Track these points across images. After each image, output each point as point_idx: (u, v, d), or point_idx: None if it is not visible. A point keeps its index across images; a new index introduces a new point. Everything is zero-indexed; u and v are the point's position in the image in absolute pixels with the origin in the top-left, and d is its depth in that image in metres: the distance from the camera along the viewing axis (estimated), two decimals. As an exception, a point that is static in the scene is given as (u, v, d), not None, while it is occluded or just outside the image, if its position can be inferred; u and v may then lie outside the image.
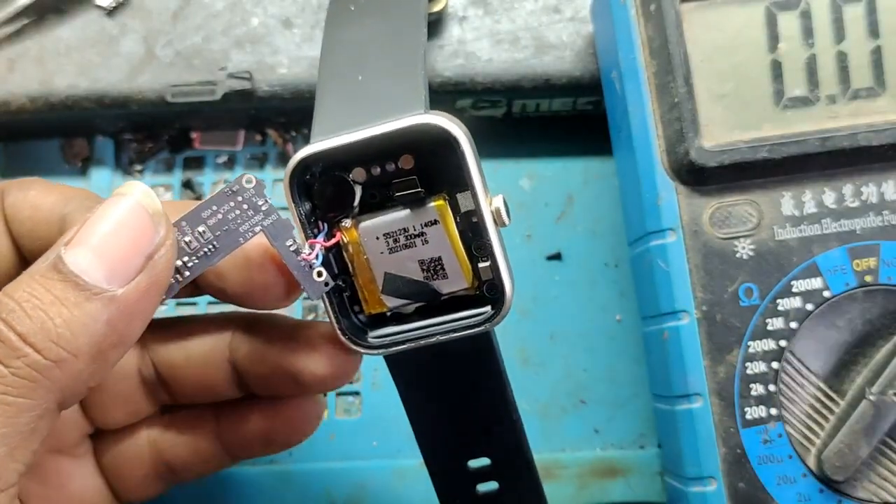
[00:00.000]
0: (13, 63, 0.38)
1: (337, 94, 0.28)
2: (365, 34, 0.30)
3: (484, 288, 0.28)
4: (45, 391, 0.21)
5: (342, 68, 0.29)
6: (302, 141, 0.42)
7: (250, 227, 0.27)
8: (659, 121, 0.32)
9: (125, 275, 0.23)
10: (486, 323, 0.27)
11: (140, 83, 0.38)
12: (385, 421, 0.39)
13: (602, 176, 0.41)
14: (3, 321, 0.21)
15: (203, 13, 0.39)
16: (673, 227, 0.32)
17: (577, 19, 0.39)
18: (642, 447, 0.39)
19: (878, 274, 0.31)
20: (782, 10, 0.32)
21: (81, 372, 0.22)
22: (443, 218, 0.28)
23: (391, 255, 0.28)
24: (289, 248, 0.27)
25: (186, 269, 0.26)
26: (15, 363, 0.21)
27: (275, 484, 0.38)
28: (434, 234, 0.28)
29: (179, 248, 0.26)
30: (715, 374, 0.31)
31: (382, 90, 0.28)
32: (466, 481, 0.31)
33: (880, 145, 0.31)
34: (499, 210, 0.27)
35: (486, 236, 0.27)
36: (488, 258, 0.28)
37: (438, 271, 0.28)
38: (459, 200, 0.28)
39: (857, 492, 0.31)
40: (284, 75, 0.38)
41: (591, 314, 0.40)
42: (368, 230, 0.28)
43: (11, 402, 0.21)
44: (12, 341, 0.21)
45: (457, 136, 0.26)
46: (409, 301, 0.28)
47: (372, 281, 0.28)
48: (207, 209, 0.26)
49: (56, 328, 0.21)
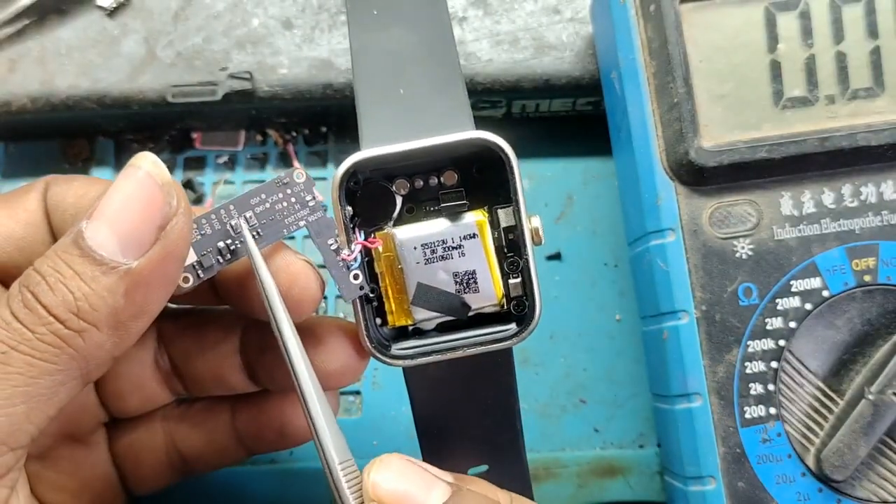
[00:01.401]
0: (14, 63, 0.38)
1: (381, 104, 0.29)
2: (396, 38, 0.31)
3: (512, 305, 0.29)
4: (68, 358, 0.22)
5: (380, 76, 0.30)
6: (303, 141, 0.42)
7: (295, 221, 0.27)
8: (658, 121, 0.32)
9: (139, 247, 0.23)
10: (514, 338, 0.28)
11: (141, 83, 0.38)
12: (385, 421, 0.39)
13: (602, 176, 0.41)
14: (31, 292, 0.22)
15: (204, 14, 0.39)
16: (672, 227, 0.32)
17: (576, 20, 0.39)
18: (642, 446, 0.39)
19: (877, 274, 0.31)
20: (781, 10, 0.32)
21: (104, 342, 0.23)
22: (482, 232, 0.28)
23: (426, 266, 0.28)
24: (329, 246, 0.27)
25: (229, 252, 0.27)
26: (40, 329, 0.22)
27: (275, 483, 0.38)
28: (471, 247, 0.28)
29: (224, 231, 0.27)
30: (714, 373, 0.31)
31: (429, 104, 0.29)
32: None
33: (879, 145, 0.31)
34: (537, 229, 0.28)
35: (525, 253, 0.28)
36: (519, 275, 0.29)
37: (471, 285, 0.28)
38: (500, 215, 0.29)
39: (856, 491, 0.31)
40: (285, 76, 0.38)
41: (590, 314, 0.40)
42: (409, 239, 0.28)
43: (35, 364, 0.22)
44: (39, 310, 0.22)
45: (508, 151, 0.27)
46: (436, 314, 0.29)
47: (402, 291, 0.28)
48: (256, 197, 0.27)
49: (76, 301, 0.22)
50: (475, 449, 0.30)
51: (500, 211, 0.29)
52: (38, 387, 0.22)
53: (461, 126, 0.28)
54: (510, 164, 0.27)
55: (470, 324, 0.29)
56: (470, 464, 0.30)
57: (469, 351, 0.28)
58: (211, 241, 0.27)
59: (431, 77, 0.30)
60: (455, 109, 0.28)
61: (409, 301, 0.28)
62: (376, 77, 0.30)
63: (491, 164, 0.28)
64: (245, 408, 0.32)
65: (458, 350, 0.28)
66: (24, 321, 0.22)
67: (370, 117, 0.29)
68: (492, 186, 0.29)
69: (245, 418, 0.32)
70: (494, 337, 0.28)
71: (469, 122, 0.28)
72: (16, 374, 0.22)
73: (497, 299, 0.28)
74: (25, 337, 0.22)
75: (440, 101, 0.29)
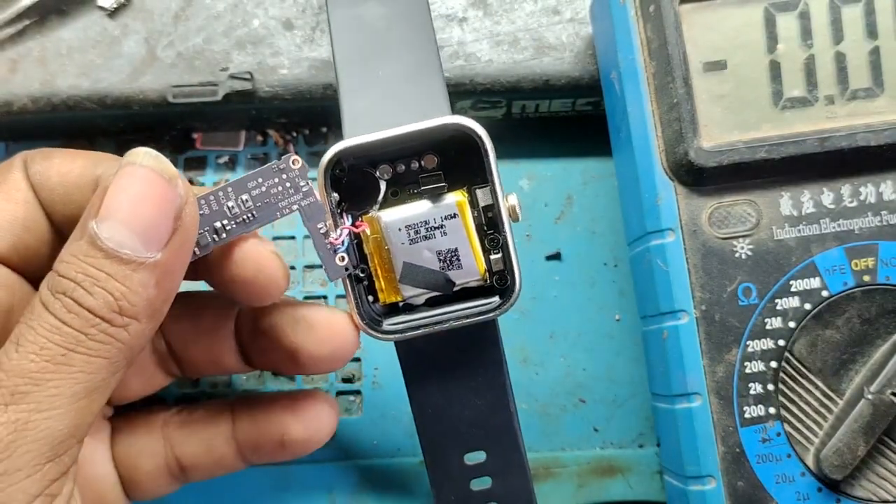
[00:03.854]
0: (15, 64, 0.38)
1: (361, 91, 0.31)
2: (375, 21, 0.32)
3: (494, 279, 0.31)
4: (117, 351, 0.24)
5: (359, 64, 0.31)
6: (303, 141, 0.42)
7: (289, 205, 0.29)
8: (658, 121, 0.32)
9: (160, 239, 0.25)
10: (497, 310, 0.30)
11: (142, 84, 0.38)
12: (385, 420, 0.39)
13: (601, 176, 0.41)
14: (70, 298, 0.24)
15: (204, 14, 0.39)
16: (672, 227, 0.32)
17: (576, 20, 0.39)
18: (641, 446, 0.39)
19: (877, 274, 0.32)
20: (781, 11, 0.32)
21: (144, 329, 0.25)
22: (462, 212, 0.30)
23: (411, 246, 0.30)
24: (319, 230, 0.29)
25: (224, 231, 0.28)
26: (91, 331, 0.24)
27: (275, 483, 0.38)
28: (452, 226, 0.30)
29: (221, 212, 0.28)
30: (714, 373, 0.31)
31: (408, 91, 0.30)
32: (462, 476, 0.32)
33: (878, 145, 0.31)
34: (514, 207, 0.30)
35: (502, 230, 0.30)
36: (500, 250, 0.30)
37: (454, 262, 0.30)
38: (478, 195, 0.30)
39: (856, 490, 0.31)
40: (285, 76, 0.38)
41: (590, 314, 0.40)
42: (393, 221, 0.30)
43: (91, 361, 0.24)
44: (84, 314, 0.24)
45: (482, 135, 0.29)
46: (424, 291, 0.30)
47: (391, 271, 0.30)
48: (253, 180, 0.29)
49: (117, 301, 0.24)
50: (471, 433, 0.31)
51: (478, 191, 0.30)
52: (97, 380, 0.24)
53: (438, 112, 0.29)
54: (484, 146, 0.29)
55: (456, 298, 0.31)
56: (469, 448, 0.31)
57: (455, 324, 0.30)
58: (208, 220, 0.28)
59: (409, 59, 0.31)
60: (432, 96, 0.30)
61: (398, 279, 0.30)
62: (355, 58, 0.31)
63: (468, 147, 0.29)
64: (246, 416, 0.32)
65: (446, 323, 0.30)
66: (74, 325, 0.24)
67: (352, 106, 0.30)
68: (470, 168, 0.30)
69: (245, 427, 0.32)
70: (479, 310, 0.30)
71: (446, 108, 0.30)
72: (78, 373, 0.23)
73: (480, 274, 0.30)
74: (80, 339, 0.24)
75: (418, 87, 0.30)
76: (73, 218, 0.26)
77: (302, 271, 0.40)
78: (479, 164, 0.30)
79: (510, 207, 0.30)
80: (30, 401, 0.23)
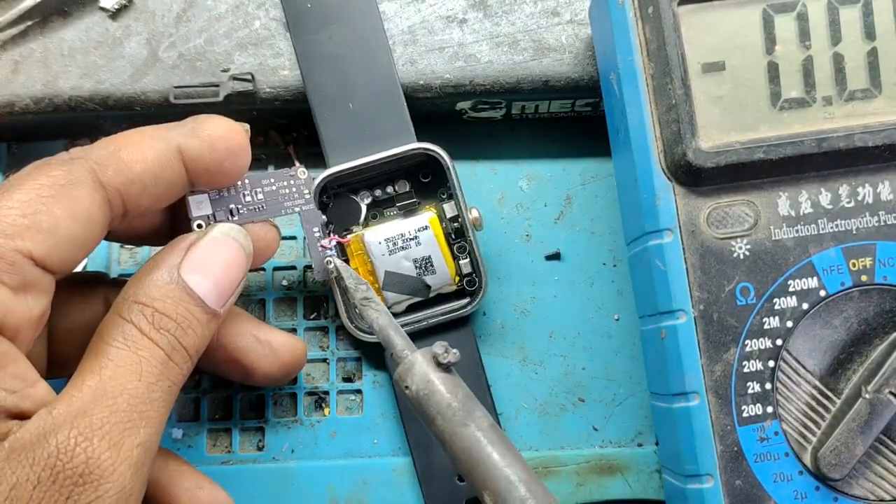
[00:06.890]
0: (17, 65, 0.39)
1: (336, 124, 0.37)
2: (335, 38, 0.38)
3: (465, 282, 0.37)
4: (182, 379, 0.29)
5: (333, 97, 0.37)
6: (303, 142, 0.42)
7: (292, 206, 0.35)
8: (657, 122, 0.32)
9: (229, 299, 0.31)
10: (467, 307, 0.37)
11: (143, 85, 0.38)
12: (386, 419, 0.39)
13: (600, 177, 0.41)
14: (176, 338, 0.29)
15: (206, 15, 0.39)
16: (670, 228, 0.32)
17: (575, 22, 0.39)
18: (640, 445, 0.39)
19: (874, 273, 0.32)
20: (779, 12, 0.32)
21: (193, 363, 0.30)
22: (433, 224, 0.36)
23: (391, 256, 0.36)
24: (314, 233, 0.35)
25: (237, 214, 0.34)
26: (185, 365, 0.29)
27: (276, 482, 0.38)
28: (425, 237, 0.36)
29: (237, 198, 0.33)
30: (712, 372, 0.32)
31: (377, 121, 0.37)
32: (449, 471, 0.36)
33: (876, 146, 0.31)
34: (476, 218, 0.36)
35: (469, 237, 0.37)
36: (468, 256, 0.37)
37: (428, 267, 0.37)
38: (445, 209, 0.37)
39: (853, 489, 0.31)
40: (286, 77, 0.39)
41: (589, 313, 0.40)
42: (375, 235, 0.36)
43: (172, 387, 0.29)
44: (182, 352, 0.29)
45: (444, 157, 0.36)
46: (405, 297, 0.37)
47: (375, 281, 0.36)
48: (268, 179, 0.34)
49: (198, 343, 0.30)
50: None
51: (444, 205, 0.37)
52: (170, 400, 0.29)
53: (406, 140, 0.36)
54: (447, 165, 0.36)
55: (433, 302, 0.38)
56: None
57: (432, 321, 0.37)
58: (225, 203, 0.33)
59: (376, 89, 0.37)
60: (399, 126, 0.37)
61: (381, 287, 0.36)
62: (326, 89, 0.37)
63: (435, 168, 0.37)
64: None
65: (423, 322, 0.37)
66: (176, 362, 0.29)
67: (331, 140, 0.37)
68: (437, 187, 0.38)
69: None
70: (451, 308, 0.37)
71: (411, 136, 0.37)
72: (170, 398, 0.29)
73: (452, 278, 0.37)
74: (177, 372, 0.29)
75: (386, 118, 0.37)
76: (149, 200, 0.30)
77: (302, 271, 0.40)
78: (445, 181, 0.36)
79: (473, 219, 0.36)
80: (150, 423, 0.27)
